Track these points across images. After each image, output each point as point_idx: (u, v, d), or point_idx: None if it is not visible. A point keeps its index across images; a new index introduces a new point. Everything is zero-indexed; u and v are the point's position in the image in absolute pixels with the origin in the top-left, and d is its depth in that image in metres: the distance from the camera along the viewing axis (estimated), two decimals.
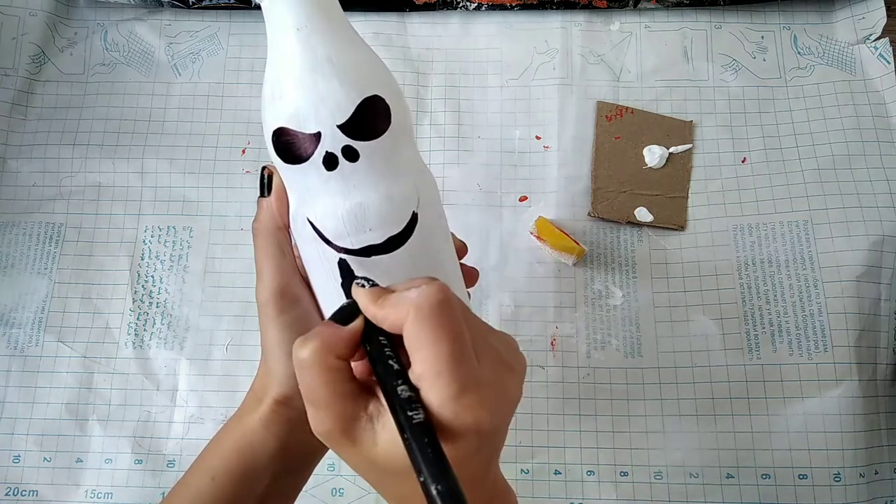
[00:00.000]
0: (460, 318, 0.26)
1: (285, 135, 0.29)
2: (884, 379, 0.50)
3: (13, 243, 0.54)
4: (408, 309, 0.25)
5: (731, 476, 0.48)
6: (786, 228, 0.53)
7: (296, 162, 0.30)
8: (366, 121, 0.29)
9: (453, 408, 0.25)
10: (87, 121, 0.58)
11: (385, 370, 0.26)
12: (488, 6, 0.59)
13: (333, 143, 0.29)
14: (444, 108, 0.57)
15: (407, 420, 0.24)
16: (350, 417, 0.27)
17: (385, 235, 0.30)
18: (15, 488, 0.49)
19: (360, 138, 0.29)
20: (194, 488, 0.33)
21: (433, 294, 0.26)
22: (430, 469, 0.23)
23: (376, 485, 0.29)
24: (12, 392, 0.51)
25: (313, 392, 0.27)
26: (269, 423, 0.33)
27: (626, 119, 0.56)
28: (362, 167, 0.29)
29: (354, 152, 0.29)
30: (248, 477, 0.33)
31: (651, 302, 0.52)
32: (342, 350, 0.27)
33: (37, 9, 0.59)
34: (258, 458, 0.33)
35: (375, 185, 0.30)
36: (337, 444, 0.27)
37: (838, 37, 0.58)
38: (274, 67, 0.30)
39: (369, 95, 0.29)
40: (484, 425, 0.25)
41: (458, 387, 0.25)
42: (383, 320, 0.27)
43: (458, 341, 0.25)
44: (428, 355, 0.25)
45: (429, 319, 0.25)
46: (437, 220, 0.33)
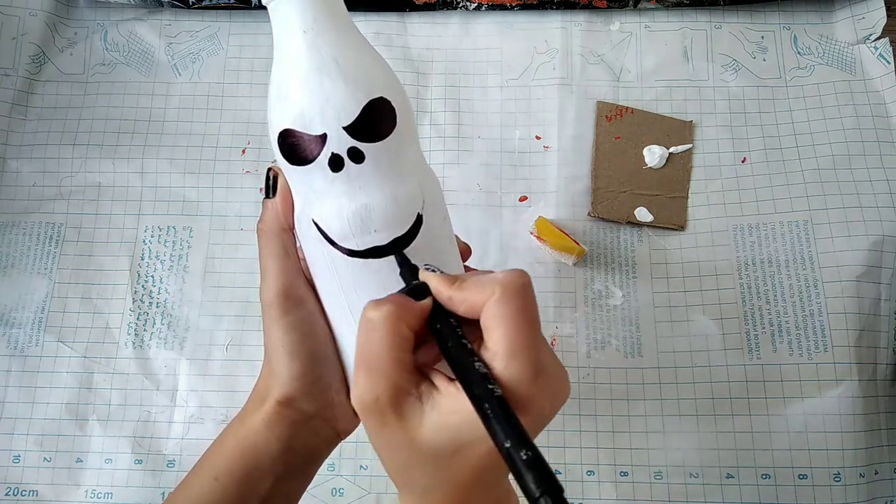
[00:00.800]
0: (536, 306, 0.27)
1: (291, 136, 0.29)
2: (884, 379, 0.50)
3: (13, 243, 0.54)
4: (493, 288, 0.26)
5: (731, 476, 0.48)
6: (786, 228, 0.53)
7: (301, 163, 0.30)
8: (371, 122, 0.29)
9: (527, 389, 0.26)
10: (87, 121, 0.58)
11: (458, 347, 0.27)
12: (488, 6, 0.59)
13: (339, 144, 0.29)
14: (444, 108, 0.57)
15: (487, 392, 0.25)
16: (403, 390, 0.27)
17: (390, 237, 0.30)
18: (15, 488, 0.49)
19: (365, 140, 0.29)
20: (197, 489, 0.33)
21: (520, 276, 0.27)
22: (517, 436, 0.23)
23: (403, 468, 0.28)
24: (12, 392, 0.51)
25: (375, 355, 0.27)
26: (272, 424, 0.33)
27: (626, 119, 0.56)
28: (368, 169, 0.30)
29: (360, 154, 0.29)
30: (251, 478, 0.33)
31: (651, 302, 0.52)
32: (413, 321, 0.27)
33: (37, 9, 0.59)
34: (261, 458, 0.33)
35: (381, 186, 0.30)
36: (379, 415, 0.27)
37: (838, 37, 0.58)
38: (280, 68, 0.30)
39: (375, 97, 0.29)
40: (545, 412, 0.26)
41: (533, 369, 0.26)
42: (461, 301, 0.27)
43: (535, 326, 0.27)
44: (508, 334, 0.26)
45: (513, 299, 0.26)
46: (442, 222, 0.33)
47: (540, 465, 0.23)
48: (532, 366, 0.26)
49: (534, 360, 0.26)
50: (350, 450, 0.50)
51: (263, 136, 0.57)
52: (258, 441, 0.33)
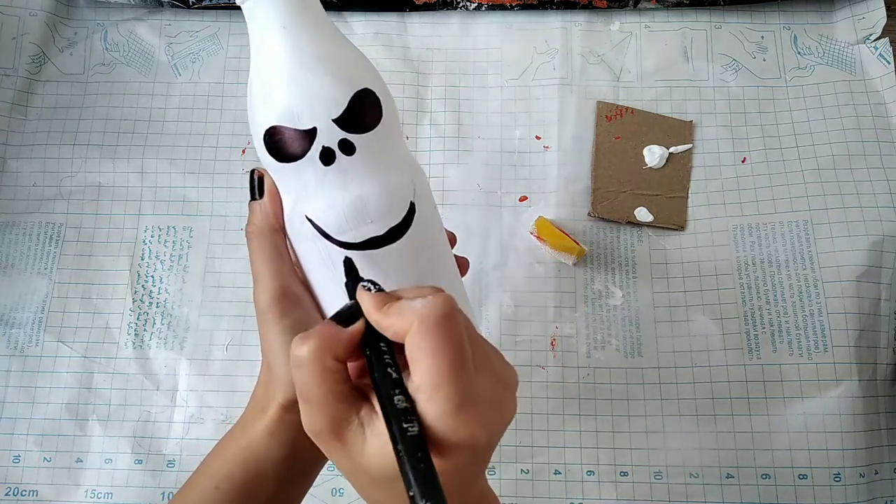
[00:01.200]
0: (463, 332, 0.26)
1: (278, 133, 0.29)
2: (884, 379, 0.50)
3: (13, 243, 0.54)
4: (412, 319, 0.25)
5: (731, 476, 0.48)
6: (786, 228, 0.53)
7: (290, 160, 0.30)
8: (359, 114, 0.29)
9: (450, 422, 0.25)
10: (87, 121, 0.58)
11: (383, 378, 0.26)
12: (488, 6, 0.59)
13: (330, 137, 0.29)
14: (444, 108, 0.57)
15: (401, 432, 0.24)
16: (342, 419, 0.26)
17: (386, 227, 0.30)
18: (15, 488, 0.49)
19: (355, 131, 0.29)
20: (197, 496, 0.33)
21: (439, 306, 0.25)
22: (420, 485, 0.22)
23: (360, 490, 0.29)
24: (12, 392, 0.51)
25: (308, 390, 0.26)
26: (275, 430, 0.32)
27: (626, 119, 0.56)
28: (359, 160, 0.30)
29: (351, 146, 0.29)
30: (253, 485, 0.32)
31: (651, 302, 0.52)
32: (340, 352, 0.27)
33: (37, 9, 0.59)
34: (263, 466, 0.32)
35: (373, 177, 0.30)
36: (326, 444, 0.27)
37: (838, 37, 0.58)
38: (260, 68, 0.30)
39: (361, 89, 0.29)
40: (479, 441, 0.25)
41: (457, 402, 0.25)
42: (387, 328, 0.26)
43: (460, 355, 0.25)
44: (429, 367, 0.25)
45: (432, 331, 0.25)
46: (432, 210, 0.33)
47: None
48: (456, 397, 0.25)
49: (459, 391, 0.25)
50: None
51: None
52: (261, 449, 0.32)
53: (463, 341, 0.26)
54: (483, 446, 0.26)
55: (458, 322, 0.26)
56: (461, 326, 0.26)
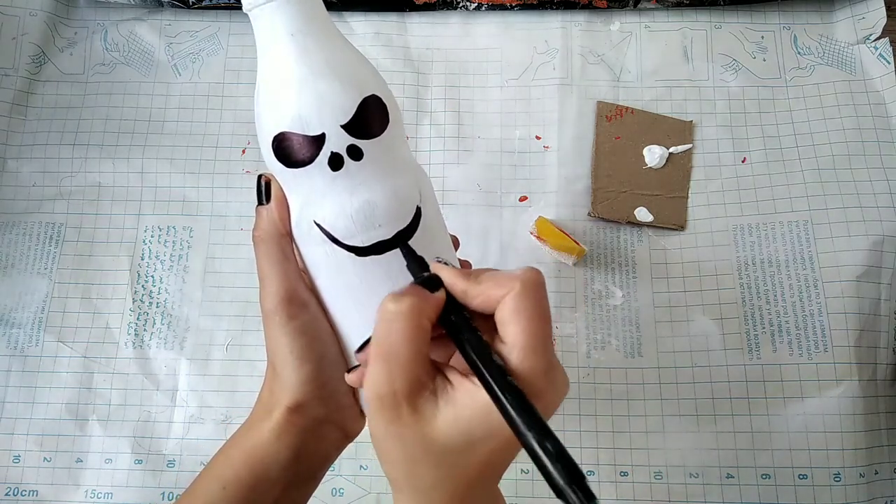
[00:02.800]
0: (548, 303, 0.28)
1: (287, 139, 0.29)
2: (884, 379, 0.50)
3: (13, 243, 0.54)
4: (512, 284, 0.27)
5: (731, 476, 0.48)
6: (786, 228, 0.53)
7: (299, 165, 0.30)
8: (367, 120, 0.30)
9: (541, 383, 0.26)
10: (87, 121, 0.58)
11: (477, 339, 0.27)
12: (488, 6, 0.59)
13: (338, 143, 0.29)
14: (444, 108, 0.57)
15: (508, 384, 0.25)
16: (420, 383, 0.27)
17: (394, 230, 0.31)
18: (15, 488, 0.49)
19: (363, 137, 0.30)
20: (204, 497, 0.33)
21: (537, 274, 0.27)
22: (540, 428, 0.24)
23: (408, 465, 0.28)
24: (12, 392, 0.51)
25: (395, 347, 0.27)
26: (282, 433, 0.33)
27: (626, 119, 0.56)
28: (367, 165, 0.30)
29: (359, 151, 0.30)
30: (259, 487, 0.32)
31: (651, 302, 0.52)
32: (431, 313, 0.28)
33: (37, 9, 0.59)
34: (270, 469, 0.33)
35: (381, 181, 0.30)
36: (393, 408, 0.27)
37: (838, 37, 0.58)
38: (269, 74, 0.30)
39: (368, 95, 0.30)
40: (553, 406, 0.27)
41: (547, 363, 0.27)
42: (476, 295, 0.28)
43: (550, 323, 0.27)
44: (527, 328, 0.26)
45: (532, 295, 0.27)
46: (437, 214, 0.34)
47: (565, 457, 0.23)
48: (546, 360, 0.27)
49: (549, 354, 0.27)
50: (350, 450, 0.49)
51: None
52: (267, 451, 0.33)
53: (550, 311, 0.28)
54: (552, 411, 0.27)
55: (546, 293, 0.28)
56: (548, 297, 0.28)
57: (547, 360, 0.27)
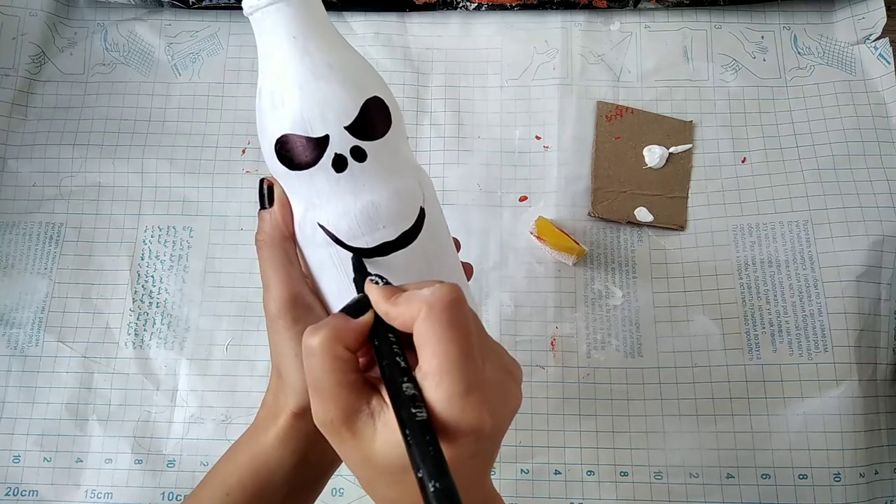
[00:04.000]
0: (470, 319, 0.26)
1: (290, 142, 0.29)
2: (884, 379, 0.50)
3: (13, 243, 0.54)
4: (420, 306, 0.26)
5: (731, 476, 0.48)
6: (786, 228, 0.53)
7: (302, 168, 0.30)
8: (370, 121, 0.30)
9: (458, 406, 0.25)
10: (87, 121, 0.58)
11: (391, 366, 0.26)
12: (488, 6, 0.59)
13: (342, 144, 0.29)
14: (444, 108, 0.57)
15: (409, 416, 0.24)
16: (352, 409, 0.27)
17: (398, 231, 0.31)
18: (15, 488, 0.49)
19: (366, 138, 0.30)
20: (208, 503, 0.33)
21: (446, 293, 0.26)
22: (429, 466, 0.23)
23: (367, 484, 0.29)
24: (12, 392, 0.51)
25: (319, 380, 0.27)
26: (287, 438, 0.32)
27: (626, 119, 0.56)
28: (370, 167, 0.30)
29: (362, 152, 0.30)
30: (263, 493, 0.32)
31: (651, 302, 0.52)
32: (350, 341, 0.27)
33: (37, 9, 0.59)
34: (274, 474, 0.32)
35: (384, 182, 0.30)
36: (336, 434, 0.27)
37: (838, 37, 0.58)
38: (271, 76, 0.30)
39: (371, 96, 0.30)
40: (486, 427, 0.25)
41: (465, 386, 0.25)
42: (395, 317, 0.27)
43: (467, 341, 0.26)
44: (436, 352, 0.25)
45: (440, 317, 0.25)
46: (439, 215, 0.34)
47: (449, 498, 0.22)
48: (463, 382, 0.25)
49: (466, 376, 0.25)
50: None
51: None
52: (272, 457, 0.32)
53: (469, 328, 0.26)
54: (489, 433, 0.26)
55: (465, 310, 0.26)
56: (468, 315, 0.26)
57: (465, 381, 0.25)
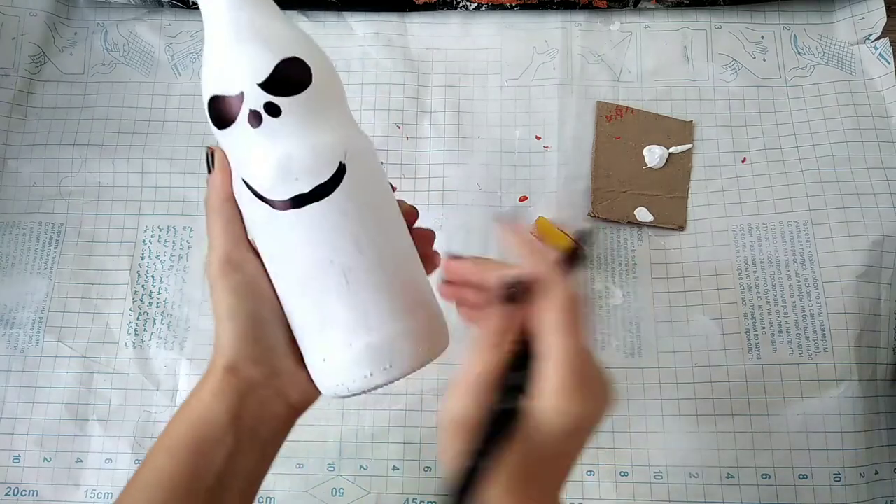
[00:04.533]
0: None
1: (216, 101, 0.31)
2: (884, 379, 0.50)
3: (13, 243, 0.54)
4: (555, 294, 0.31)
5: (731, 476, 0.48)
6: (786, 228, 0.53)
7: (226, 125, 0.32)
8: (285, 78, 0.31)
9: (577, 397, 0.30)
10: (87, 121, 0.58)
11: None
12: (488, 6, 0.59)
13: (256, 100, 0.31)
14: (444, 108, 0.57)
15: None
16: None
17: (312, 184, 0.31)
18: (15, 488, 0.49)
19: (280, 94, 0.31)
20: (152, 465, 0.33)
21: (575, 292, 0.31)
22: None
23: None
24: (12, 392, 0.51)
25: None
26: (218, 393, 0.33)
27: (626, 119, 0.56)
28: (286, 121, 0.31)
29: (276, 108, 0.31)
30: (201, 450, 0.32)
31: (651, 302, 0.52)
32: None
33: (37, 9, 0.59)
34: (210, 430, 0.32)
35: (300, 137, 0.31)
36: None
37: (838, 37, 0.58)
38: (206, 45, 0.32)
39: (288, 57, 0.31)
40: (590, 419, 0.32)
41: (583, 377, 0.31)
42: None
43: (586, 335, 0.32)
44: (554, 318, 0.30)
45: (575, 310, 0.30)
46: (371, 175, 0.34)
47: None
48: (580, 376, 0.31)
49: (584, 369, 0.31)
50: (350, 450, 0.50)
51: None
52: (206, 412, 0.33)
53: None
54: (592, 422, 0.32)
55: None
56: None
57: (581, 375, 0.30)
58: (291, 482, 0.49)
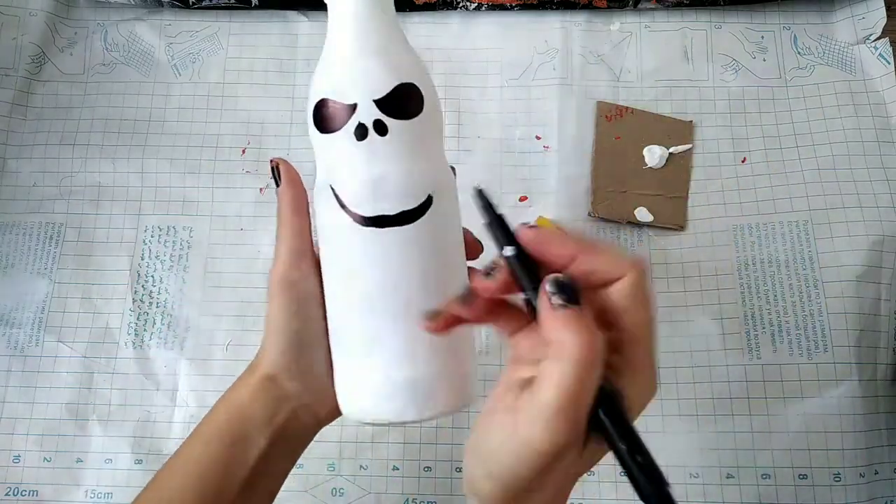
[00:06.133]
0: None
1: (325, 105, 0.32)
2: (884, 379, 0.50)
3: (13, 243, 0.54)
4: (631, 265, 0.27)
5: (731, 476, 0.48)
6: (786, 228, 0.53)
7: (330, 131, 0.32)
8: (399, 101, 0.32)
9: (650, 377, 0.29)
10: (87, 121, 0.58)
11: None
12: (488, 6, 0.59)
13: (367, 115, 0.31)
14: (445, 108, 0.57)
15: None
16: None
17: (398, 208, 0.32)
18: (15, 488, 0.49)
19: (392, 116, 0.31)
20: (188, 453, 0.34)
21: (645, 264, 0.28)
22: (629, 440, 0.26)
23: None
24: (12, 392, 0.51)
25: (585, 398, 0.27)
26: (257, 394, 0.34)
27: (626, 119, 0.56)
28: (390, 143, 0.32)
29: (384, 127, 0.31)
30: (239, 442, 0.33)
31: None
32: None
33: (37, 9, 0.59)
34: (247, 426, 0.34)
35: (398, 160, 0.32)
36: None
37: (838, 37, 0.58)
38: (329, 48, 0.33)
39: (407, 82, 0.32)
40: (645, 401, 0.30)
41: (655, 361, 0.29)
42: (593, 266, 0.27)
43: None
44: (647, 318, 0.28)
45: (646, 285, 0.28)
46: (452, 214, 0.34)
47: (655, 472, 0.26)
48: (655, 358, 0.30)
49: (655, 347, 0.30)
50: (350, 450, 0.50)
51: (263, 136, 0.57)
52: (244, 409, 0.34)
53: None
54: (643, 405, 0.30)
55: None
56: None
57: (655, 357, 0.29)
58: (291, 482, 0.48)
